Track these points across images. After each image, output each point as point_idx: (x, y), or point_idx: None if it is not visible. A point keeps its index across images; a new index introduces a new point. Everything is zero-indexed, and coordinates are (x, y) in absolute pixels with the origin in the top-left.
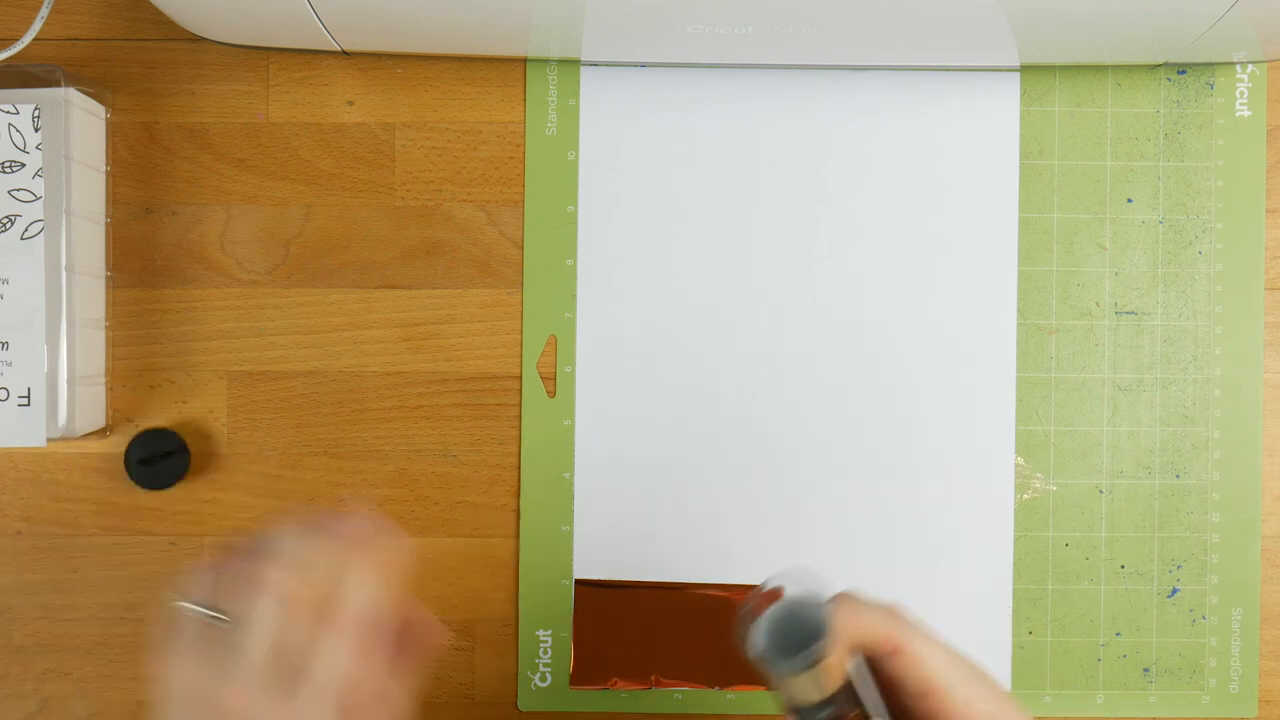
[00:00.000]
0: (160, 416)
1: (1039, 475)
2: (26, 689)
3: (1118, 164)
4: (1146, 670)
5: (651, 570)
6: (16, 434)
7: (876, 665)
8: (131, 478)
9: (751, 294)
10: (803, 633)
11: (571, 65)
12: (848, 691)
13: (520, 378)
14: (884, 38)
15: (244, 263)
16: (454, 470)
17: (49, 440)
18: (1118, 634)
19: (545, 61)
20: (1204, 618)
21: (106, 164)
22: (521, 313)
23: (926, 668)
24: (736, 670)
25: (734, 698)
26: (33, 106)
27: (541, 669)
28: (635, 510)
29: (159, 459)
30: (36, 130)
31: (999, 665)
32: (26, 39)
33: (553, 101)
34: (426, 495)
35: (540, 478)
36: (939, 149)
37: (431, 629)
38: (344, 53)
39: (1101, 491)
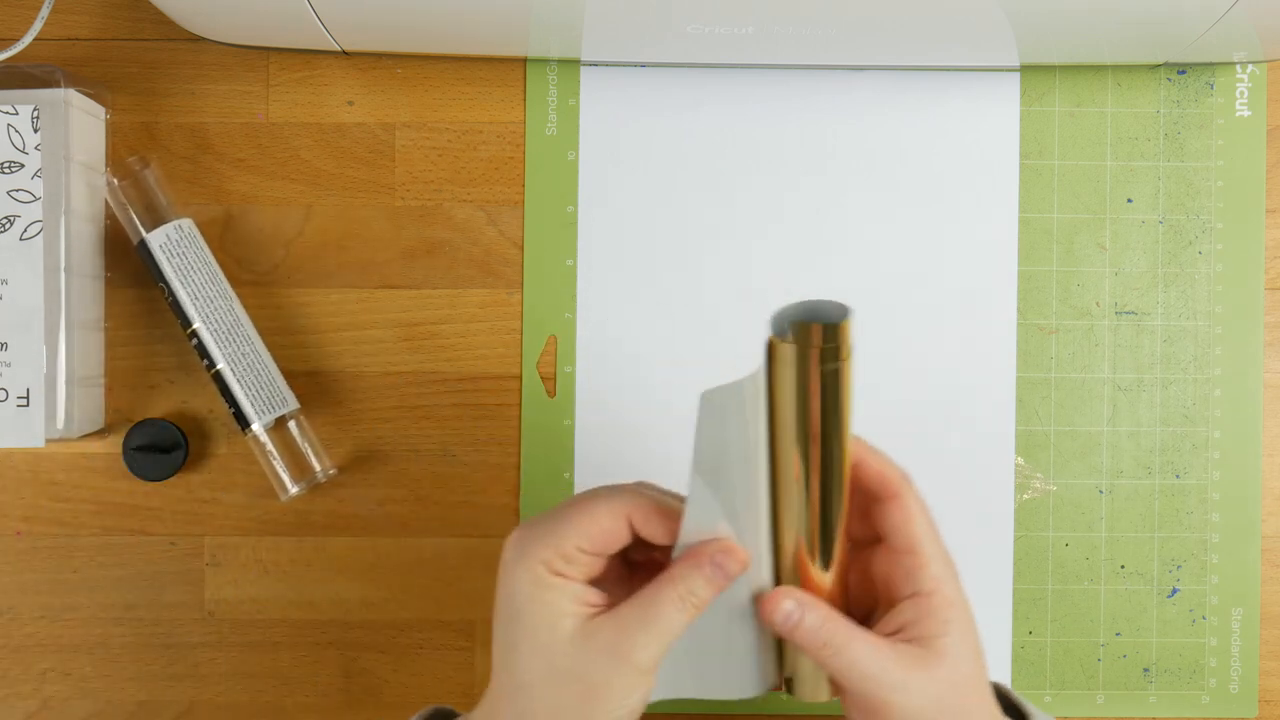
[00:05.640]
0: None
1: (1039, 475)
2: (26, 689)
3: (1118, 164)
4: (1146, 670)
5: None
6: (16, 434)
7: (871, 508)
8: (128, 466)
9: (751, 294)
10: (826, 312)
11: (571, 65)
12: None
13: (520, 378)
14: (884, 38)
15: (244, 263)
16: (454, 470)
17: (48, 440)
18: (1118, 634)
19: (545, 61)
20: (1204, 618)
21: (106, 164)
22: (521, 313)
23: (914, 525)
24: None
25: None
26: (32, 107)
27: None
28: None
29: (156, 450)
30: (36, 131)
31: (999, 665)
32: (26, 39)
33: (553, 101)
34: (426, 495)
35: (540, 478)
36: (939, 149)
37: None
38: (344, 53)
39: (1101, 491)
